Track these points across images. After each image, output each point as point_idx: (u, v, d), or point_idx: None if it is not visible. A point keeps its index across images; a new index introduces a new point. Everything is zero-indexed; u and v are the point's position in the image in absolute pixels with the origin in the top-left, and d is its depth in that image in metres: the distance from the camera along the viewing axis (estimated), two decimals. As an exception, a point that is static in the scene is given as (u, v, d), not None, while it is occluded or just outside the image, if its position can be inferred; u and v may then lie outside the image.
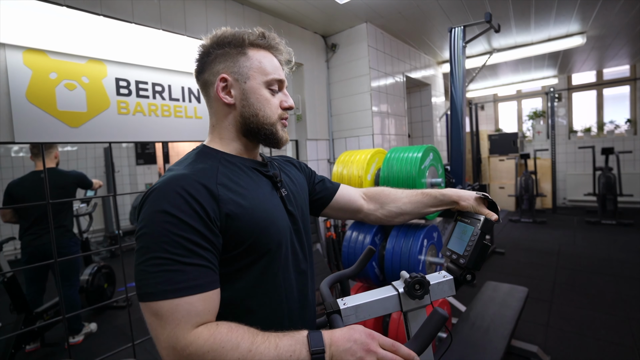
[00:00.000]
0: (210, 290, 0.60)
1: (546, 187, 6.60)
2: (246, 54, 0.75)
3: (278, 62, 0.79)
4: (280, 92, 0.80)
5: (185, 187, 0.62)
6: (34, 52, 1.62)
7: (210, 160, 0.72)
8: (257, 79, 0.75)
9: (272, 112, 0.76)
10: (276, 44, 0.79)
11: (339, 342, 0.60)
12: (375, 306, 0.82)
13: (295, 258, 0.80)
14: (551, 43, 3.72)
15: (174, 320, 0.56)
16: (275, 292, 0.73)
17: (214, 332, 0.56)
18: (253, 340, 0.57)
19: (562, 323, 2.56)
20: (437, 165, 1.99)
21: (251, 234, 0.67)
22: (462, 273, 0.84)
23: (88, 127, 1.80)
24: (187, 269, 0.58)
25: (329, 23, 2.90)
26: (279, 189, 0.81)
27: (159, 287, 0.56)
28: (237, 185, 0.71)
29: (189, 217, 0.60)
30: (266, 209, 0.72)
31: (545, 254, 4.13)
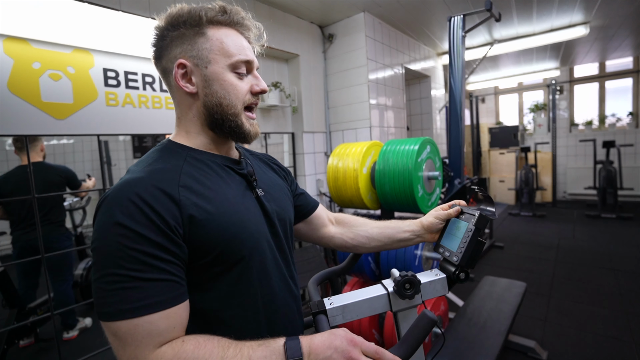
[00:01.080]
0: (173, 306, 0.55)
1: (546, 181, 6.55)
2: (205, 34, 0.65)
3: (245, 39, 0.69)
4: (249, 74, 0.70)
5: (140, 193, 0.55)
6: (15, 41, 1.56)
7: (173, 159, 0.65)
8: (220, 63, 0.66)
9: (238, 99, 0.67)
10: (240, 18, 0.68)
11: (318, 349, 0.56)
12: (363, 306, 0.78)
13: (276, 265, 0.73)
14: (554, 34, 3.64)
15: (134, 341, 0.51)
16: (251, 303, 0.67)
17: (179, 351, 0.52)
18: (224, 354, 0.53)
19: (561, 318, 2.54)
20: (434, 158, 1.94)
21: (219, 241, 0.61)
22: (456, 271, 0.80)
23: (75, 119, 1.75)
24: (145, 285, 0.52)
25: (325, 12, 2.82)
26: (255, 188, 0.73)
27: (115, 306, 0.51)
28: (203, 186, 0.63)
29: (144, 228, 0.54)
30: (236, 212, 0.65)
31: (544, 248, 4.10)
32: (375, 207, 2.03)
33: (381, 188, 1.84)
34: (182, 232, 0.58)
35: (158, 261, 0.54)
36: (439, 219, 0.88)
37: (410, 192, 1.73)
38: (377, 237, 0.93)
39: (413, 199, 1.74)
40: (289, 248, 0.79)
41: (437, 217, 0.89)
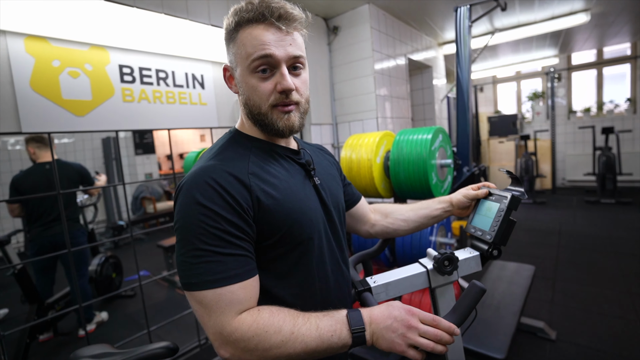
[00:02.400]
0: (249, 279, 0.61)
1: (545, 168, 6.64)
2: (235, 39, 0.67)
3: (275, 30, 0.65)
4: (277, 70, 0.66)
5: (216, 178, 0.62)
6: (35, 39, 1.58)
7: (241, 148, 0.71)
8: (242, 66, 0.67)
9: (261, 99, 0.67)
10: (266, 9, 0.64)
11: (378, 319, 0.60)
12: (404, 283, 0.83)
13: (330, 249, 0.77)
14: (554, 21, 3.67)
15: (219, 308, 0.58)
16: (308, 283, 0.72)
17: (257, 318, 0.58)
18: (295, 322, 0.59)
19: (566, 299, 2.62)
20: (446, 146, 1.99)
21: (283, 225, 0.66)
22: (489, 249, 0.85)
23: (94, 116, 1.77)
24: (226, 260, 0.59)
25: (330, 5, 2.84)
26: (312, 177, 0.77)
27: (201, 277, 0.58)
28: (269, 174, 0.68)
29: (222, 209, 0.60)
30: (298, 200, 0.69)
31: (546, 234, 4.19)
32: (389, 195, 2.08)
33: (396, 177, 1.89)
34: (252, 213, 0.63)
35: (235, 238, 0.60)
36: (467, 197, 0.94)
37: (425, 180, 1.78)
38: (414, 219, 0.98)
39: (428, 186, 1.79)
40: (342, 233, 0.83)
41: (466, 196, 0.94)
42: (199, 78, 2.21)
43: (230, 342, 0.57)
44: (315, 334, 0.58)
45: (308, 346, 0.57)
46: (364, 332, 0.59)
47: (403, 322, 0.59)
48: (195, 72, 2.19)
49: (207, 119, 2.26)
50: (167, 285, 3.52)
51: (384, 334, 0.59)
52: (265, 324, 0.58)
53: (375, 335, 0.60)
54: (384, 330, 0.59)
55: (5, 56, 1.49)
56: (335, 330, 0.59)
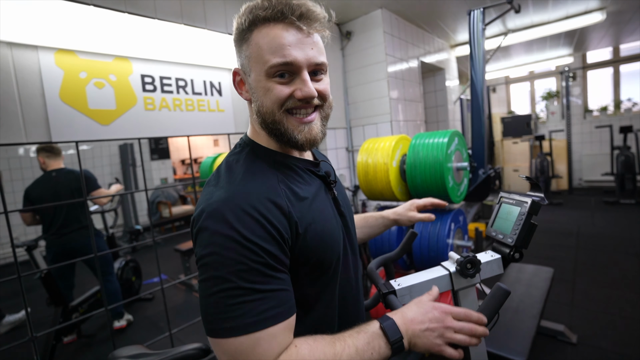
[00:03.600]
0: (292, 315, 0.55)
1: (561, 169, 6.52)
2: (248, 40, 0.60)
3: (295, 31, 0.58)
4: (297, 75, 0.60)
5: (255, 205, 0.54)
6: (64, 53, 1.66)
7: (266, 165, 0.64)
8: (257, 70, 0.60)
9: (274, 104, 0.60)
10: (286, 7, 0.57)
11: (414, 323, 0.59)
12: (428, 286, 0.85)
13: (349, 261, 0.74)
14: (569, 21, 3.63)
15: (255, 356, 0.50)
16: (332, 302, 0.68)
17: (297, 357, 0.52)
18: (334, 351, 0.54)
19: (587, 302, 2.57)
20: (461, 149, 1.99)
21: (316, 251, 0.61)
22: (511, 252, 0.86)
23: (118, 124, 1.84)
24: (268, 296, 0.52)
25: (343, 10, 2.87)
26: (332, 189, 0.72)
27: (239, 320, 0.50)
28: (297, 197, 0.62)
29: (263, 241, 0.53)
30: (326, 220, 0.65)
31: (564, 235, 4.11)
32: (405, 198, 2.09)
33: (412, 180, 1.90)
34: (291, 243, 0.58)
35: (277, 272, 0.54)
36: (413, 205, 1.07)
37: (441, 183, 1.79)
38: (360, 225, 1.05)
39: (445, 189, 1.80)
40: (356, 242, 0.81)
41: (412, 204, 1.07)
42: (217, 85, 2.27)
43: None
44: (356, 357, 0.54)
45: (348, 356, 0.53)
46: (403, 341, 0.57)
47: (439, 322, 0.59)
48: (213, 80, 2.25)
49: (225, 125, 2.32)
50: (184, 288, 3.59)
51: (421, 338, 0.58)
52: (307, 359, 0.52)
53: (413, 340, 0.58)
54: (421, 334, 0.58)
55: (37, 70, 1.57)
56: (374, 347, 0.56)
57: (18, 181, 5.05)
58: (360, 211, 3.12)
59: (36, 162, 5.25)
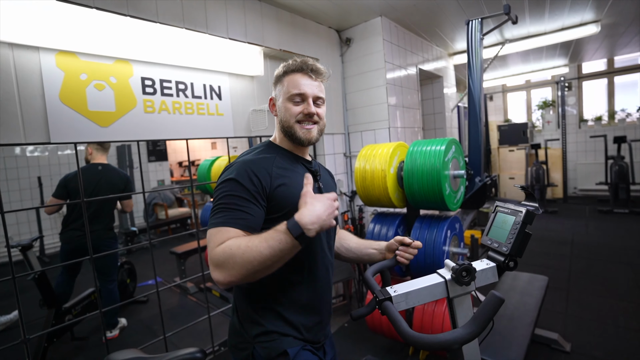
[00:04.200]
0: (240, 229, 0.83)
1: (557, 177, 6.58)
2: (282, 81, 1.02)
3: (308, 77, 0.99)
4: (304, 101, 0.99)
5: (252, 167, 0.92)
6: (65, 54, 1.66)
7: (273, 152, 1.01)
8: (282, 97, 1.01)
9: (291, 116, 0.99)
10: (304, 66, 0.99)
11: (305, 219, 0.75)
12: (423, 293, 0.86)
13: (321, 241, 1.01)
14: (564, 32, 3.69)
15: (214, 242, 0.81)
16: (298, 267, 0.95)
17: (226, 243, 0.79)
18: (250, 239, 0.78)
19: (581, 311, 2.59)
20: (458, 157, 2.01)
21: (289, 203, 0.91)
22: (505, 260, 0.88)
23: (117, 127, 1.84)
24: (234, 212, 0.85)
25: (343, 17, 2.90)
26: (318, 181, 1.07)
27: (214, 219, 0.85)
28: (286, 170, 0.97)
29: (246, 182, 0.88)
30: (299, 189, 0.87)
31: (558, 244, 4.15)
32: (402, 205, 2.11)
33: (409, 187, 1.91)
34: (268, 191, 0.91)
35: (248, 202, 0.87)
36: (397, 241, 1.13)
37: (438, 190, 1.80)
38: (353, 250, 1.21)
39: (441, 196, 1.81)
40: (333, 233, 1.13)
41: (397, 240, 1.13)
42: (217, 89, 2.28)
43: (212, 264, 0.79)
44: (265, 244, 0.75)
45: (262, 253, 0.75)
46: (303, 234, 0.75)
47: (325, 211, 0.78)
48: (213, 84, 2.26)
49: (224, 129, 2.32)
50: (179, 291, 3.57)
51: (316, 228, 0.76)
52: (229, 244, 0.78)
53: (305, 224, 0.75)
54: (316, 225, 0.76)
55: (38, 71, 1.58)
56: (280, 239, 0.75)
57: (14, 181, 5.02)
58: (357, 217, 3.13)
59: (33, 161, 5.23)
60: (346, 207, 3.19)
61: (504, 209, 0.95)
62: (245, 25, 2.35)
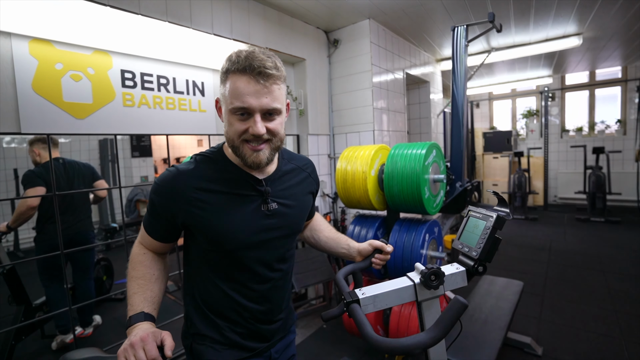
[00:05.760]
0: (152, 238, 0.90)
1: (538, 185, 6.73)
2: (225, 82, 0.80)
3: (255, 82, 0.76)
4: (250, 117, 0.79)
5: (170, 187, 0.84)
6: (39, 42, 1.60)
7: (213, 165, 0.87)
8: (225, 106, 0.81)
9: (235, 135, 0.80)
10: (248, 65, 0.75)
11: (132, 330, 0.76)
12: (392, 296, 0.85)
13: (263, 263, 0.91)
14: (548, 43, 3.78)
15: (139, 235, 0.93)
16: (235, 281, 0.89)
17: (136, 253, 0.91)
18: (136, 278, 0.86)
19: (554, 316, 2.65)
20: (439, 162, 2.03)
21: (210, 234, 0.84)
22: (475, 265, 0.88)
23: (93, 119, 1.79)
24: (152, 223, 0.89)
25: (331, 18, 2.91)
26: (268, 203, 0.89)
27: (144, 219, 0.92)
28: (212, 194, 0.84)
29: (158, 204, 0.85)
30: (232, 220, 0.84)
31: (536, 250, 4.24)
32: (382, 208, 2.11)
33: (389, 190, 1.92)
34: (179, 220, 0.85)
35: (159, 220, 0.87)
36: (371, 245, 1.08)
37: (417, 194, 1.82)
38: (322, 245, 1.15)
39: (420, 200, 1.83)
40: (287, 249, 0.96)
41: (371, 245, 1.08)
42: (200, 85, 2.25)
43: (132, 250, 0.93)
44: (129, 294, 0.84)
45: (128, 290, 0.85)
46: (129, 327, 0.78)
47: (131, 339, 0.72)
48: (196, 80, 2.23)
49: (206, 126, 2.29)
50: (157, 289, 3.50)
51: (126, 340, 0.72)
52: (134, 258, 0.90)
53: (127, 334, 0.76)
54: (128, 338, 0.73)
55: (9, 58, 1.52)
56: (130, 307, 0.82)
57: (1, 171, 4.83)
58: (339, 219, 3.13)
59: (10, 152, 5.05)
60: (329, 208, 3.19)
61: (476, 214, 0.96)
62: (231, 21, 2.33)
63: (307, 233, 1.18)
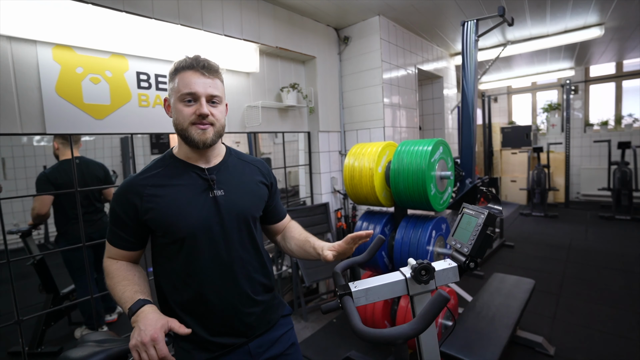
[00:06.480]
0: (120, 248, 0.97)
1: (559, 181, 6.52)
2: (173, 80, 0.95)
3: (201, 75, 0.92)
4: (196, 102, 0.93)
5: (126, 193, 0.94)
6: (62, 48, 1.71)
7: (161, 165, 0.99)
8: (174, 97, 0.94)
9: (184, 119, 0.92)
10: (195, 63, 0.93)
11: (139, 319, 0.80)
12: (383, 289, 0.89)
13: (217, 248, 0.96)
14: (567, 35, 3.65)
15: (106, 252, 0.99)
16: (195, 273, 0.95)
17: (110, 264, 0.97)
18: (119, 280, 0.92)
19: (569, 316, 2.60)
20: (446, 158, 2.03)
21: (163, 224, 0.93)
22: (466, 261, 0.90)
23: (111, 119, 1.89)
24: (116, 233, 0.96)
25: (341, 16, 2.92)
26: (213, 189, 0.98)
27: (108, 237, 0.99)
28: (164, 188, 0.95)
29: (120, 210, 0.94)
30: (179, 206, 0.93)
31: (555, 248, 4.13)
32: (389, 204, 2.13)
33: (395, 187, 1.94)
34: (140, 216, 0.93)
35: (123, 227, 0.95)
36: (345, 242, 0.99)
37: (423, 191, 1.83)
38: (295, 251, 1.15)
39: (426, 197, 1.83)
40: (241, 237, 1.01)
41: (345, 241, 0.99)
42: (212, 85, 2.32)
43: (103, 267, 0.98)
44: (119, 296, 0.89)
45: (116, 296, 0.90)
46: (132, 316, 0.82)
47: (141, 334, 0.77)
48: (208, 80, 2.30)
49: (218, 124, 2.36)
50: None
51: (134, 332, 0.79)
52: (109, 269, 0.96)
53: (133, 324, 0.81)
54: (135, 330, 0.79)
55: (34, 64, 1.63)
56: (126, 302, 0.86)
57: (20, 169, 5.13)
58: (350, 215, 3.16)
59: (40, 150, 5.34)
60: (340, 204, 3.22)
61: (470, 211, 0.97)
62: (241, 22, 2.38)
63: (282, 242, 1.20)
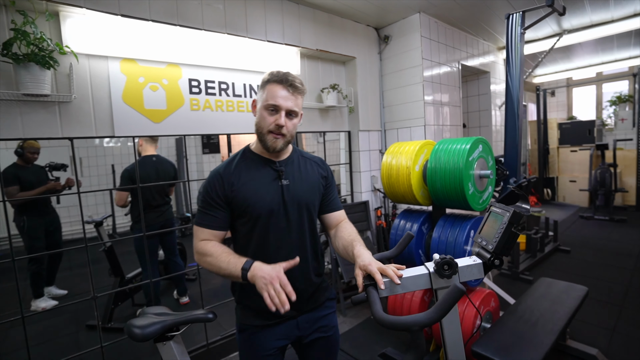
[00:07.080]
0: (212, 229, 1.10)
1: (629, 182, 5.87)
2: (264, 88, 1.10)
3: (285, 90, 1.08)
4: (277, 113, 1.07)
5: (215, 178, 1.11)
6: (127, 61, 1.95)
7: (242, 158, 1.16)
8: (260, 104, 1.11)
9: (265, 125, 1.08)
10: (283, 79, 1.08)
11: (257, 270, 0.94)
12: (408, 282, 0.93)
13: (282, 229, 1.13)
14: (638, 19, 3.30)
15: (196, 236, 1.11)
16: (264, 247, 1.12)
17: (205, 244, 1.07)
18: (220, 253, 1.03)
19: (632, 329, 2.38)
20: (486, 157, 1.97)
21: (242, 204, 1.09)
22: (490, 258, 0.91)
23: (167, 122, 2.11)
24: (207, 215, 1.10)
25: (381, 15, 2.93)
26: (281, 178, 1.15)
27: (196, 220, 1.12)
28: (244, 175, 1.12)
29: (212, 191, 1.10)
30: (255, 190, 1.10)
31: (620, 256, 3.76)
32: (427, 203, 2.12)
33: (433, 185, 1.93)
34: (229, 195, 1.10)
35: (213, 208, 1.10)
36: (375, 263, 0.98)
37: (460, 190, 1.80)
38: (340, 250, 1.20)
39: (463, 196, 1.81)
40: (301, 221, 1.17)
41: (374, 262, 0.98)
42: (256, 88, 2.47)
43: (195, 252, 1.09)
44: (225, 266, 1.00)
45: (220, 268, 1.01)
46: (247, 273, 0.95)
47: (265, 277, 0.91)
48: (252, 83, 2.46)
49: (261, 125, 2.51)
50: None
51: (256, 280, 0.92)
52: (205, 249, 1.06)
53: (252, 279, 0.94)
54: (257, 278, 0.92)
55: (106, 76, 1.88)
56: (236, 265, 0.98)
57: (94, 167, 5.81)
58: (390, 214, 3.16)
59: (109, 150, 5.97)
60: (380, 203, 3.24)
61: (496, 209, 0.98)
62: (282, 27, 2.51)
63: (333, 238, 1.26)
